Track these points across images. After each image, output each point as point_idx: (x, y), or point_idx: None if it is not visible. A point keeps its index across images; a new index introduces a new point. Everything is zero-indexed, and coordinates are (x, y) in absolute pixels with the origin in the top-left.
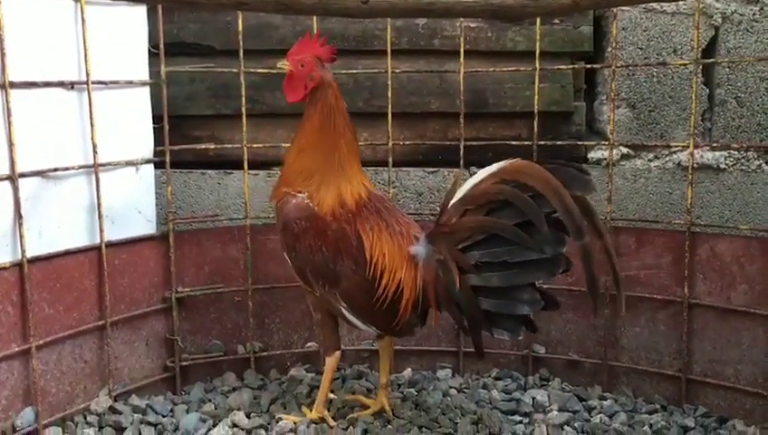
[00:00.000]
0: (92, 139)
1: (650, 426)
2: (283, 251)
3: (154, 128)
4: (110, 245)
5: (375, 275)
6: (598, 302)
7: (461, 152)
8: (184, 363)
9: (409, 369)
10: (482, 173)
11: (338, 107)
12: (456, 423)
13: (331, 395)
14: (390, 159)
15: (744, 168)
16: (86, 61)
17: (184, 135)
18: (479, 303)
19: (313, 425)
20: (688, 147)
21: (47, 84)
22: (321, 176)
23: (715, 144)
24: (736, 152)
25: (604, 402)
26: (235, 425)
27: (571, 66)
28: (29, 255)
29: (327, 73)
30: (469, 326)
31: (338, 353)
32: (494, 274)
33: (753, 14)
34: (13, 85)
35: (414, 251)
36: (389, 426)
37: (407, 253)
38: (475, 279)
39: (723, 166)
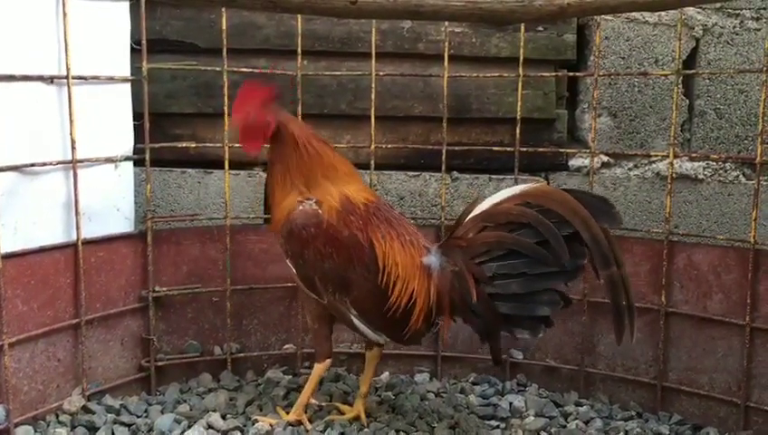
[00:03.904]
0: (71, 134)
1: (626, 432)
2: (286, 259)
3: (134, 125)
4: (87, 242)
5: (387, 283)
6: (623, 331)
7: (443, 157)
8: (159, 364)
9: (387, 372)
10: (504, 193)
11: (306, 134)
12: (433, 427)
13: (311, 400)
14: (372, 162)
15: (721, 178)
16: (67, 55)
17: (164, 133)
18: (497, 307)
19: (290, 427)
20: (668, 156)
21: (26, 78)
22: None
23: (693, 154)
24: (715, 163)
25: (580, 408)
26: (210, 426)
27: (553, 74)
28: (3, 250)
29: (280, 113)
30: (488, 332)
31: (328, 361)
32: (513, 280)
33: (734, 27)
34: None
35: (427, 261)
36: (366, 429)
37: (419, 263)
38: (492, 288)
39: (701, 176)
